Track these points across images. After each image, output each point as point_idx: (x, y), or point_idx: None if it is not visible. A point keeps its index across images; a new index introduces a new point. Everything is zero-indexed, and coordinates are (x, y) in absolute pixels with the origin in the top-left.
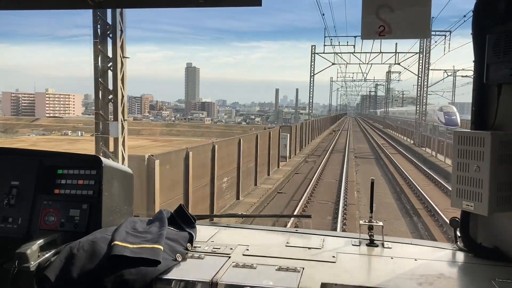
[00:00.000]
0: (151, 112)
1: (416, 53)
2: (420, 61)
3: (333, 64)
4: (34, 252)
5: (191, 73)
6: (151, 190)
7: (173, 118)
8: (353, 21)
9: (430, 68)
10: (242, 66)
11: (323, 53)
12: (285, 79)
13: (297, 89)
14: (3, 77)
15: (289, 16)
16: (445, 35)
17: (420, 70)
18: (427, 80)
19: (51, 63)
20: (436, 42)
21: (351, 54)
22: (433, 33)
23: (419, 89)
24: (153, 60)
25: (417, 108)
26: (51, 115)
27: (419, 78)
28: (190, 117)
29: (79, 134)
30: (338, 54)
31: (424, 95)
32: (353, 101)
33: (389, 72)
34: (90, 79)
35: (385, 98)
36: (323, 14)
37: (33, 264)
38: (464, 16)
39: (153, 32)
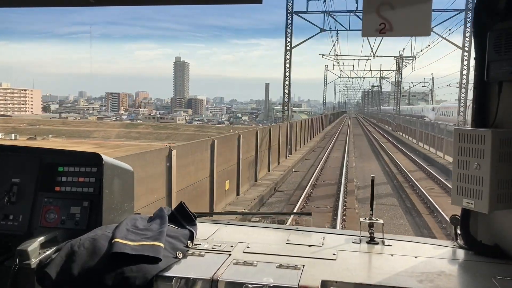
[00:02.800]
0: (128, 110)
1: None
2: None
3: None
4: (35, 250)
5: (180, 68)
6: None
7: (140, 117)
8: (353, 19)
9: (402, 81)
10: (242, 63)
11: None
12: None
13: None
14: (3, 74)
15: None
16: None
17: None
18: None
19: (49, 60)
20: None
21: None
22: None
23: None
24: (152, 58)
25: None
26: (1, 112)
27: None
28: (159, 116)
29: (12, 137)
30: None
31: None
32: (353, 98)
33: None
34: (86, 76)
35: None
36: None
37: (34, 261)
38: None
39: (152, 29)
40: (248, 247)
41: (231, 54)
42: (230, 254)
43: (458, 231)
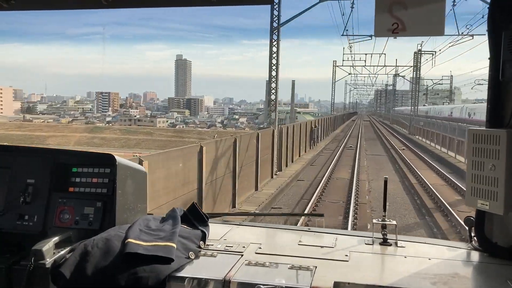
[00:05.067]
0: (118, 111)
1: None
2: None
3: (349, 74)
4: (50, 249)
5: (181, 66)
6: None
7: (110, 119)
8: (366, 19)
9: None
10: (251, 63)
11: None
12: (294, 76)
13: (293, 81)
14: (15, 75)
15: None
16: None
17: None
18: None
19: (60, 61)
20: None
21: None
22: (422, 52)
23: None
24: (162, 58)
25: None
26: None
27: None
28: (137, 118)
29: None
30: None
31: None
32: (365, 98)
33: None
34: (97, 77)
35: None
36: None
37: (48, 261)
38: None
39: (162, 30)
40: (260, 248)
41: (241, 55)
42: (242, 255)
43: (473, 233)
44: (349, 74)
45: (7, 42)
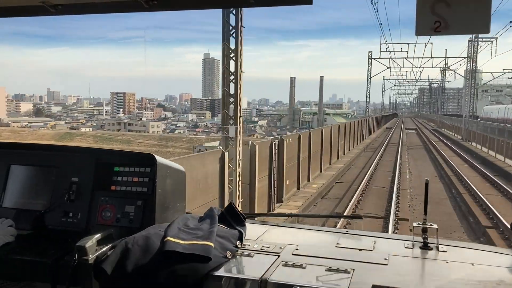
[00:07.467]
0: (131, 112)
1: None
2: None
3: (388, 68)
4: (92, 246)
5: (209, 65)
6: None
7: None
8: (405, 18)
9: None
10: (290, 65)
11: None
12: (333, 77)
13: (321, 77)
14: (62, 78)
15: (336, 14)
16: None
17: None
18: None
19: (104, 64)
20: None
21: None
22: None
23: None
24: (201, 60)
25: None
26: None
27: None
28: (128, 121)
29: None
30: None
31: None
32: (407, 98)
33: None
34: (137, 80)
35: None
36: (380, 23)
37: (91, 257)
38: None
39: (201, 33)
40: (297, 249)
41: (279, 56)
42: (279, 256)
43: None
44: (388, 68)
45: (56, 46)
